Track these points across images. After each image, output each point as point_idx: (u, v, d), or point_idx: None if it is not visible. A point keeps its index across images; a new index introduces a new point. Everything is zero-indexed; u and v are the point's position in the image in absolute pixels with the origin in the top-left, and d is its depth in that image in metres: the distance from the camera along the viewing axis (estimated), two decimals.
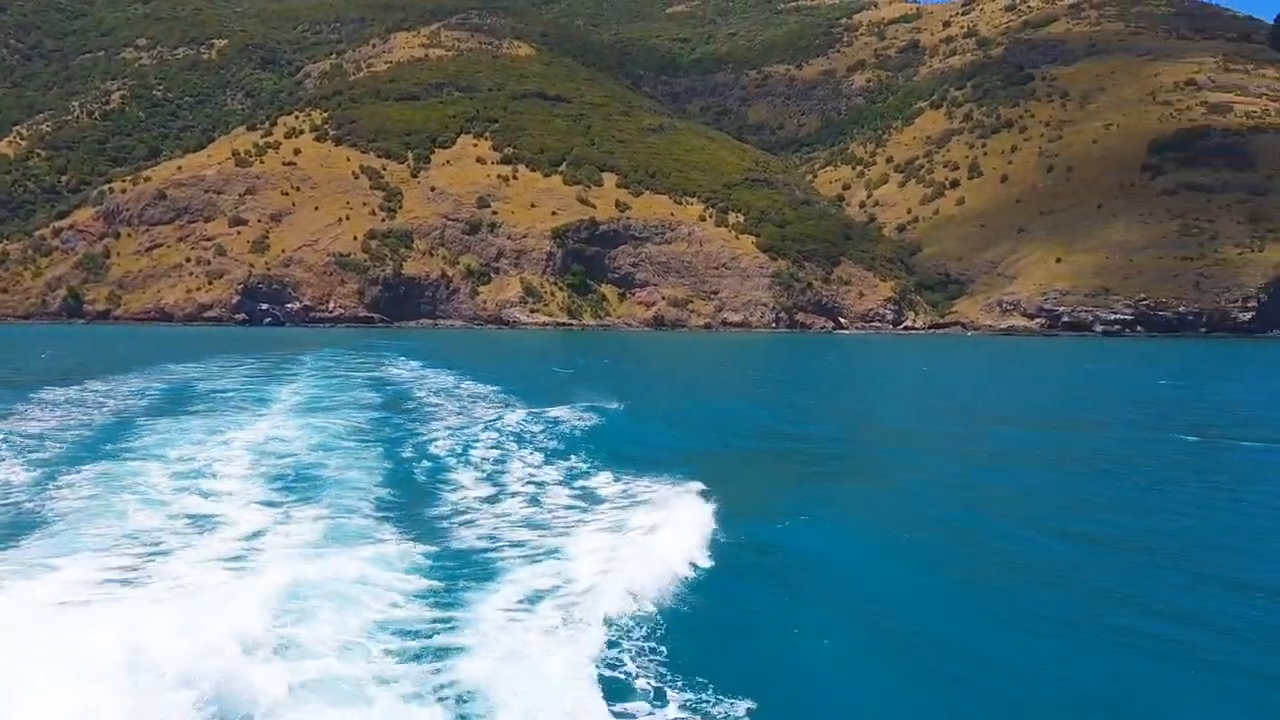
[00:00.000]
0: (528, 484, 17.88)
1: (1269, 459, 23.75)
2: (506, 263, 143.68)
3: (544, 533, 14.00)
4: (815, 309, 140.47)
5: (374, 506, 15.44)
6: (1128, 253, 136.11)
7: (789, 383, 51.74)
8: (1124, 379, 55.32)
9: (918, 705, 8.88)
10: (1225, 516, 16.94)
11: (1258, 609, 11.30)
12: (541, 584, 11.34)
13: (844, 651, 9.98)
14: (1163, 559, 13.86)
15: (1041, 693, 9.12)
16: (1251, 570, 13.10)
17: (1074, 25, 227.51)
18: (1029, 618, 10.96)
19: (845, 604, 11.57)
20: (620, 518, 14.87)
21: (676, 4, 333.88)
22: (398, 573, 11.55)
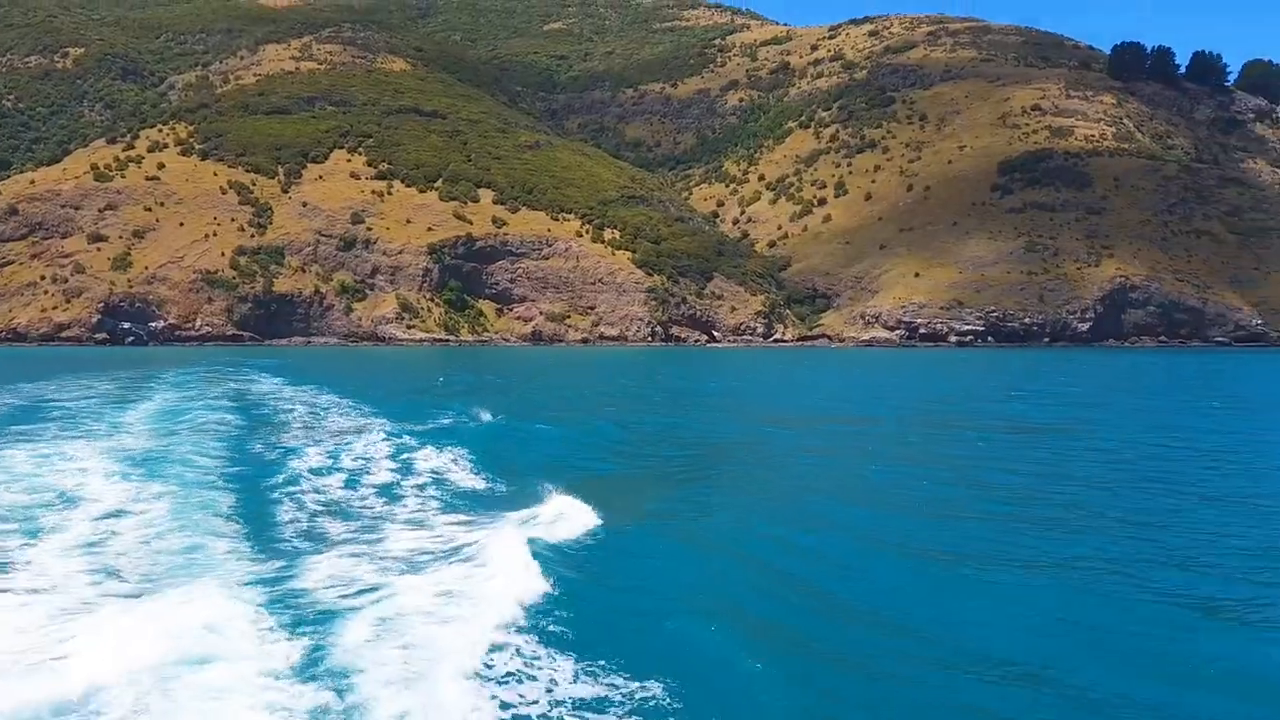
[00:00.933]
0: (392, 500, 17.77)
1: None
2: (382, 279, 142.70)
3: (410, 545, 14.01)
4: (689, 323, 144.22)
5: (230, 533, 14.96)
6: (979, 268, 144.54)
7: (662, 391, 53.82)
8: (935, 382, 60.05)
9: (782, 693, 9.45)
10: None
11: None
12: (409, 600, 11.25)
13: (710, 645, 10.41)
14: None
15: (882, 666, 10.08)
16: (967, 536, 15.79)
17: (931, 51, 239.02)
18: (863, 612, 11.89)
19: (705, 600, 12.01)
20: (486, 529, 14.98)
21: (553, 21, 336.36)
22: (259, 602, 11.21)
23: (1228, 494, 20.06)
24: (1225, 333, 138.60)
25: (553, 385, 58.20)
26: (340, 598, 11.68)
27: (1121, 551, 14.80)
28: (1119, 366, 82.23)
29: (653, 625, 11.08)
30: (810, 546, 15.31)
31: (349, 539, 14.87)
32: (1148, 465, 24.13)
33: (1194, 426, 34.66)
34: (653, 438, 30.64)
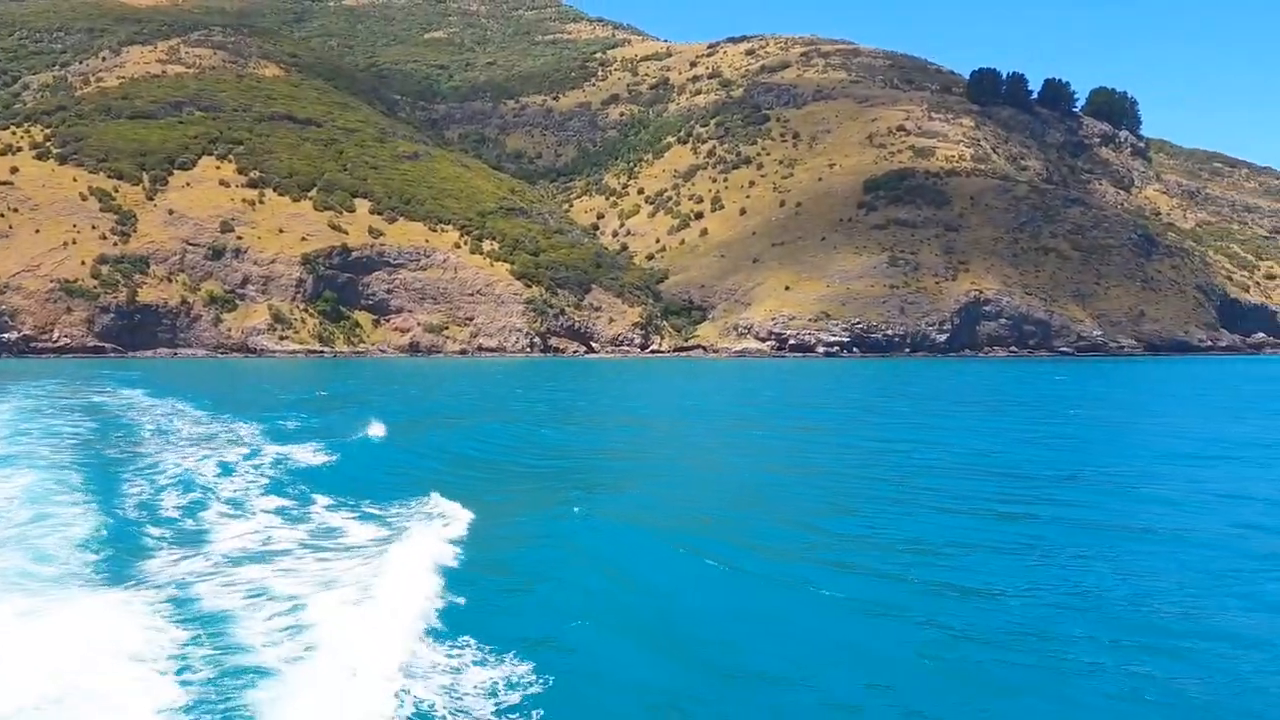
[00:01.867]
0: (261, 518, 17.67)
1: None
2: (254, 289, 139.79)
3: (286, 565, 13.97)
4: (568, 334, 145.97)
5: (84, 560, 14.42)
6: (845, 281, 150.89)
7: (543, 402, 55.22)
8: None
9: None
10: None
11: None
12: (285, 619, 11.20)
13: (591, 645, 11.07)
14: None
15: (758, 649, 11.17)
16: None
17: (804, 72, 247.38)
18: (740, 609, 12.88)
19: (585, 604, 12.60)
20: (364, 542, 15.13)
21: (434, 30, 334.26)
22: (137, 627, 10.90)
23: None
24: (1068, 343, 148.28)
25: (435, 396, 58.79)
26: (225, 612, 11.59)
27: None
28: (931, 375, 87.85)
29: (538, 631, 11.42)
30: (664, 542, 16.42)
31: (229, 554, 14.65)
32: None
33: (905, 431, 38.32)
34: (529, 445, 31.85)
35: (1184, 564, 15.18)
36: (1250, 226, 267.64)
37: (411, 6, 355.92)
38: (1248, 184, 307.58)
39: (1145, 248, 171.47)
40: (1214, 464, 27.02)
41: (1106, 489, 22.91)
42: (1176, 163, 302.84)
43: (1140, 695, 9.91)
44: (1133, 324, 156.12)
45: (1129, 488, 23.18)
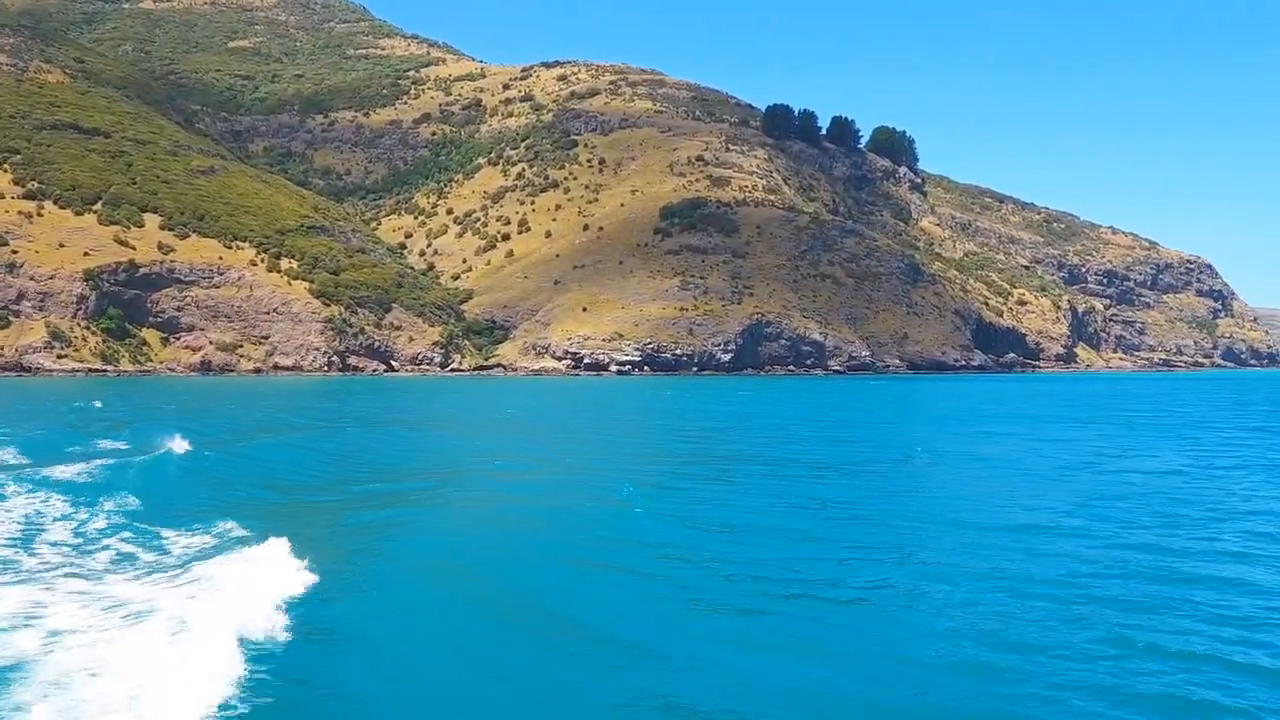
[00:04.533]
0: (84, 539, 17.62)
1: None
2: (29, 305, 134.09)
3: (100, 601, 13.62)
4: (368, 353, 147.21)
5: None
6: (639, 303, 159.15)
7: (337, 418, 56.57)
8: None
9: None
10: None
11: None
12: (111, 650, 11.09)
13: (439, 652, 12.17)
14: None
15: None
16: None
17: (611, 100, 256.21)
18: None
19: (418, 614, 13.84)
20: (178, 575, 14.96)
21: (239, 38, 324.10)
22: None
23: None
24: (841, 363, 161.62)
25: (223, 416, 59.07)
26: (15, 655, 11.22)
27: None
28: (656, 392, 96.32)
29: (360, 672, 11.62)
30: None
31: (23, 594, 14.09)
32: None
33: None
34: (332, 463, 33.05)
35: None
36: (1013, 256, 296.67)
37: (214, 14, 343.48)
38: (1013, 218, 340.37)
39: (911, 276, 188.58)
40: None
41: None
42: (952, 196, 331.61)
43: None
44: (897, 345, 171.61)
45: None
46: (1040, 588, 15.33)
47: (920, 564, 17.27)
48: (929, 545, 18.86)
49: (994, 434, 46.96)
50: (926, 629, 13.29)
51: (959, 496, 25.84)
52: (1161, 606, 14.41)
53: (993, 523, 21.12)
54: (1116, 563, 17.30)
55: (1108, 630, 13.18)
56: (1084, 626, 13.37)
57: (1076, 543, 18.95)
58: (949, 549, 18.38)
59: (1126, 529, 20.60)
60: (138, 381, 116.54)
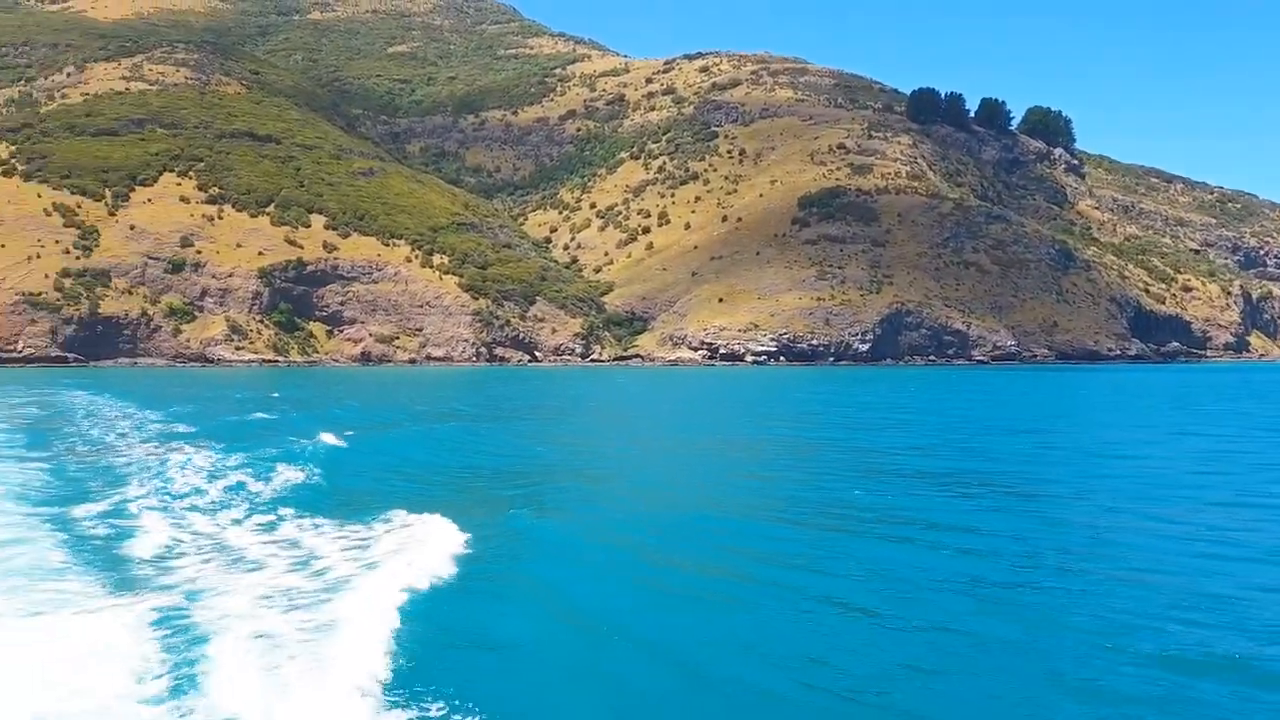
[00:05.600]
0: (245, 522, 18.10)
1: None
2: (211, 301, 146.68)
3: (273, 571, 14.13)
4: (513, 344, 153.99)
5: (77, 565, 14.76)
6: (775, 294, 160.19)
7: (496, 406, 57.97)
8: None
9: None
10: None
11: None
12: (277, 624, 11.35)
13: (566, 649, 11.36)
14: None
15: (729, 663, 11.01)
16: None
17: (753, 90, 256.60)
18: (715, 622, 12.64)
19: (564, 609, 13.03)
20: (344, 547, 15.42)
21: (398, 44, 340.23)
22: (133, 632, 11.11)
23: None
24: (985, 352, 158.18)
25: (393, 403, 61.77)
26: (202, 623, 11.65)
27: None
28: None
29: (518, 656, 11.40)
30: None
31: (204, 565, 14.78)
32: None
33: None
34: (494, 451, 33.20)
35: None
36: (1181, 240, 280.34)
37: (375, 21, 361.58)
38: (1182, 198, 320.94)
39: (1062, 262, 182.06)
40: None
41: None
42: (1114, 178, 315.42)
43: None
44: (1045, 334, 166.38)
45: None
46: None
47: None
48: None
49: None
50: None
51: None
52: None
53: None
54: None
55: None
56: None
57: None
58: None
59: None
60: (306, 371, 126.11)
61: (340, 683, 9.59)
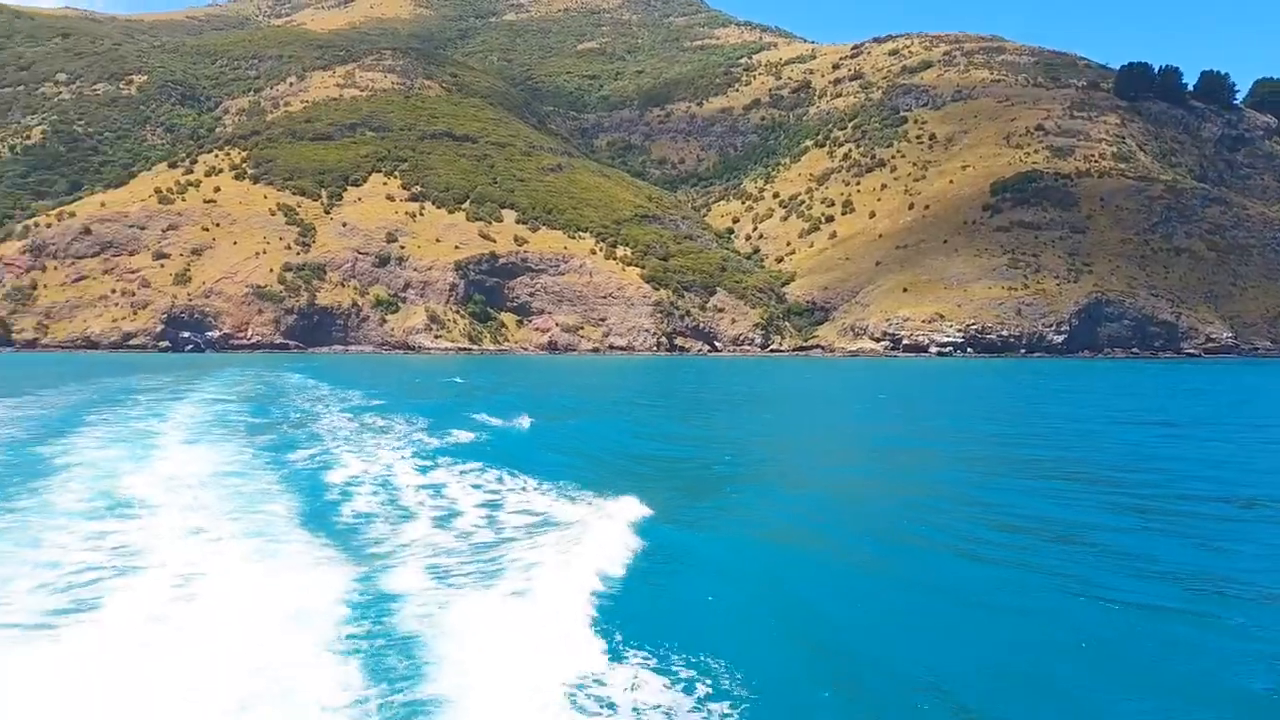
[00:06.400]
0: (446, 498, 18.76)
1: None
2: (413, 293, 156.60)
3: (474, 544, 14.54)
4: (692, 334, 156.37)
5: (302, 532, 15.62)
6: (963, 283, 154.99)
7: (685, 396, 58.22)
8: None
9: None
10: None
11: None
12: (480, 596, 11.61)
13: (766, 642, 11.02)
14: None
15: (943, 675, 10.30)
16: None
17: (945, 72, 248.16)
18: (920, 613, 12.30)
19: (764, 600, 12.68)
20: (543, 528, 15.69)
21: (587, 40, 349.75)
22: (339, 597, 11.50)
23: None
24: (1197, 345, 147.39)
25: (581, 389, 64.04)
26: (406, 600, 11.92)
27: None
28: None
29: (712, 630, 11.39)
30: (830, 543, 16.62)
31: (406, 540, 15.32)
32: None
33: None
34: (678, 437, 33.08)
35: None
36: None
37: (566, 19, 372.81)
38: None
39: None
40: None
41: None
42: None
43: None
44: (1269, 326, 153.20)
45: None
46: None
47: None
48: None
49: None
50: None
51: None
52: None
53: None
54: None
55: None
56: None
57: None
58: None
59: None
60: (497, 359, 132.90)
61: (541, 658, 9.76)
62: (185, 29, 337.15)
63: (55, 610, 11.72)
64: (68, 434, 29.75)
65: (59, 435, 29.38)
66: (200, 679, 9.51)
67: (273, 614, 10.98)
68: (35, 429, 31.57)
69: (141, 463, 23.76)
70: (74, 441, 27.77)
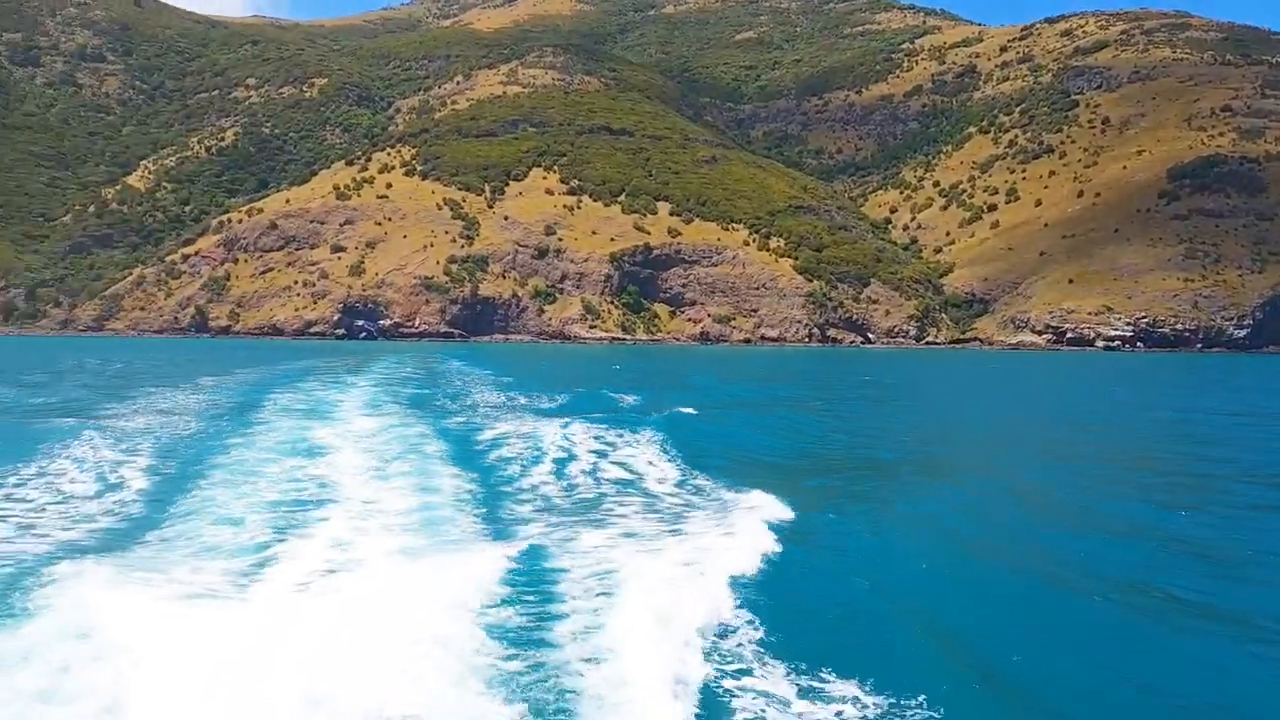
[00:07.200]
0: (601, 484, 19.09)
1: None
2: (569, 284, 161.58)
3: (623, 534, 14.49)
4: (845, 325, 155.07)
5: (460, 510, 16.08)
6: (1135, 275, 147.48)
7: (841, 389, 56.93)
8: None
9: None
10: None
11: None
12: (620, 586, 11.60)
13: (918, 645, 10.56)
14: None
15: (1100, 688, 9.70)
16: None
17: (1121, 52, 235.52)
18: (1079, 625, 11.49)
19: (912, 596, 12.33)
20: (693, 518, 15.62)
21: (745, 30, 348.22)
22: (492, 577, 11.66)
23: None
24: None
25: (737, 377, 64.76)
26: (565, 576, 12.19)
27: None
28: None
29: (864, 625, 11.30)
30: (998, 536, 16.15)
31: (565, 520, 15.63)
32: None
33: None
34: (834, 432, 32.41)
35: None
36: None
37: (724, 9, 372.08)
38: None
39: None
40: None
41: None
42: None
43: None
44: None
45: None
46: None
47: None
48: None
49: None
50: None
51: None
52: None
53: None
54: None
55: None
56: None
57: None
58: None
59: None
60: (650, 348, 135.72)
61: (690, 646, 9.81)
62: (362, 33, 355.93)
63: (276, 526, 14.70)
64: (265, 401, 35.50)
65: (258, 402, 35.19)
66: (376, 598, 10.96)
67: (427, 598, 11.23)
68: (242, 395, 38.44)
69: (326, 420, 28.86)
70: (272, 403, 34.22)
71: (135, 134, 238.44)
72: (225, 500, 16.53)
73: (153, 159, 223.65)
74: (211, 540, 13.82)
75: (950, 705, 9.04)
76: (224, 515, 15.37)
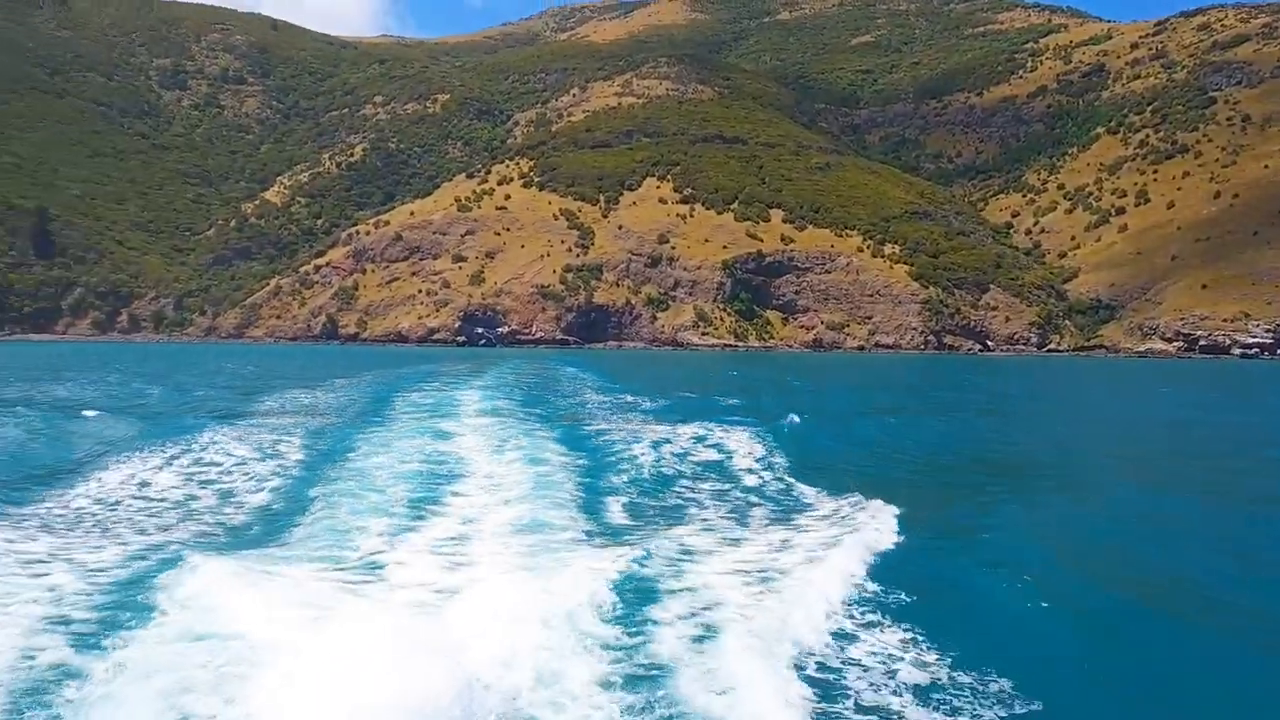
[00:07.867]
0: (712, 492, 18.96)
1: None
2: (682, 291, 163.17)
3: (731, 542, 14.42)
4: (963, 332, 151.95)
5: (577, 518, 15.99)
6: (1275, 279, 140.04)
7: (953, 400, 54.23)
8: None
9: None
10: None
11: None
12: (730, 595, 11.59)
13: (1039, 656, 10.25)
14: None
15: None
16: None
17: (1265, 45, 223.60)
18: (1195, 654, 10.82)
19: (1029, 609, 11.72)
20: (804, 528, 15.42)
21: (862, 34, 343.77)
22: (605, 583, 11.55)
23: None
24: None
25: (853, 386, 63.31)
26: (663, 582, 12.14)
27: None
28: None
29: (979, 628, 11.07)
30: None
31: (671, 527, 15.59)
32: None
33: None
34: (955, 441, 31.61)
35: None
36: None
37: (841, 14, 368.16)
38: None
39: None
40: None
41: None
42: None
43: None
44: None
45: None
46: None
47: None
48: None
49: None
50: None
51: None
52: None
53: None
54: None
55: None
56: None
57: None
58: None
59: None
60: (763, 355, 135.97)
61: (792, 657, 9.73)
62: (482, 48, 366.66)
63: (411, 500, 16.99)
64: (396, 399, 39.85)
65: (389, 399, 39.61)
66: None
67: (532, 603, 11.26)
68: (375, 393, 43.73)
69: (450, 414, 32.79)
70: (402, 400, 38.65)
71: (272, 151, 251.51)
72: (353, 501, 16.80)
73: (288, 175, 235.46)
74: (340, 539, 14.10)
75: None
76: (352, 514, 15.77)
